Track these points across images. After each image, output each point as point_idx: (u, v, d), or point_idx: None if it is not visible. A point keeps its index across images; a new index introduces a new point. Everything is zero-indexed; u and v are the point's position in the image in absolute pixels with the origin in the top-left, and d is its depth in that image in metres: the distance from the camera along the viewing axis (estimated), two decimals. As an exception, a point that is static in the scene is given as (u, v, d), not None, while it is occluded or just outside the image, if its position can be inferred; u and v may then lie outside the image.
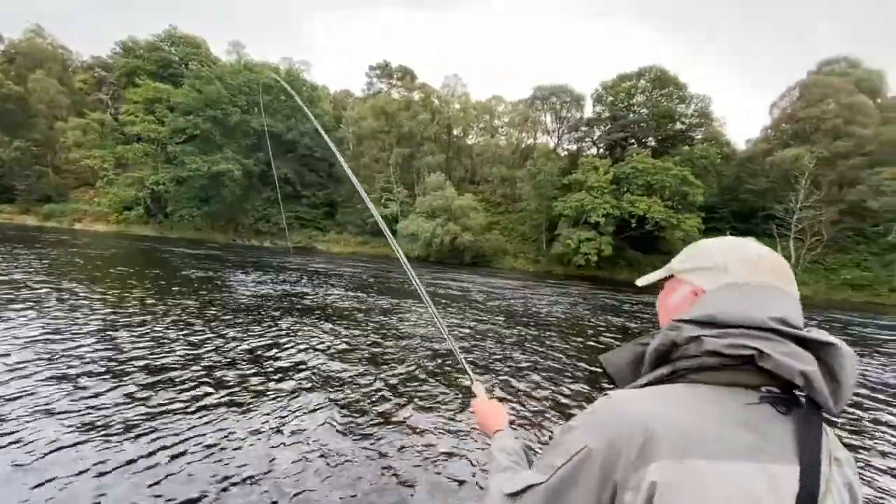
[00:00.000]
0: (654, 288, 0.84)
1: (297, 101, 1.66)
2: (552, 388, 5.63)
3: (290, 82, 45.02)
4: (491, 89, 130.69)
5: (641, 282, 0.89)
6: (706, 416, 0.58)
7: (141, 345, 5.83)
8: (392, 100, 45.90)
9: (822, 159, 32.06)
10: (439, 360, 6.43)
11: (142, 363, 5.14)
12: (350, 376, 5.42)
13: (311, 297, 11.38)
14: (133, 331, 6.45)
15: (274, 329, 7.45)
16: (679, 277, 0.78)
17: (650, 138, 39.81)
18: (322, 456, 3.50)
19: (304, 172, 45.72)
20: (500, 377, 5.93)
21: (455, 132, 49.90)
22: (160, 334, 6.42)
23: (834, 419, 0.60)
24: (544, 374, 6.18)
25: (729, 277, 0.68)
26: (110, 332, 6.26)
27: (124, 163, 41.97)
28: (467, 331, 8.76)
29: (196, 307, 8.61)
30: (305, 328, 7.73)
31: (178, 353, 5.67)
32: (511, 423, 1.12)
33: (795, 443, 0.58)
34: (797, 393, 0.62)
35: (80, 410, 3.84)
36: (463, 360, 1.37)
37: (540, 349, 7.72)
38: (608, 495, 0.58)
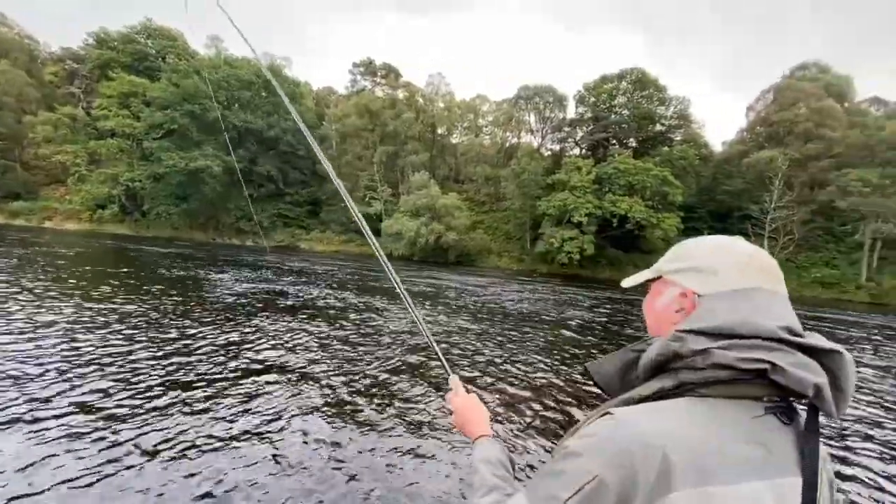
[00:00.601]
0: (637, 288, 0.83)
1: (280, 97, 1.58)
2: (531, 382, 5.71)
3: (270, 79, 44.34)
4: (475, 89, 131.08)
5: (627, 283, 0.85)
6: (719, 435, 0.57)
7: (99, 346, 5.68)
8: (376, 98, 45.63)
9: (795, 161, 33.19)
10: (418, 356, 6.45)
11: (98, 365, 5.01)
12: (325, 373, 5.39)
13: (286, 296, 11.25)
14: (93, 332, 6.28)
15: (244, 329, 7.34)
16: (667, 279, 0.74)
17: (631, 139, 40.57)
18: (290, 457, 3.48)
19: (286, 170, 45.10)
20: (480, 371, 5.98)
21: (439, 131, 49.90)
22: (122, 336, 6.26)
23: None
24: (523, 370, 6.26)
25: (723, 280, 0.66)
26: (68, 333, 6.07)
27: (97, 159, 40.70)
28: (447, 328, 8.80)
29: (161, 307, 8.42)
30: (278, 327, 7.64)
31: (139, 355, 5.53)
32: (491, 418, 1.06)
33: (797, 453, 0.58)
34: (793, 400, 0.62)
35: (31, 418, 3.73)
36: (439, 352, 1.29)
37: (520, 346, 7.81)
38: None
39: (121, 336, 6.16)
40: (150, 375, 4.80)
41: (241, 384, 4.82)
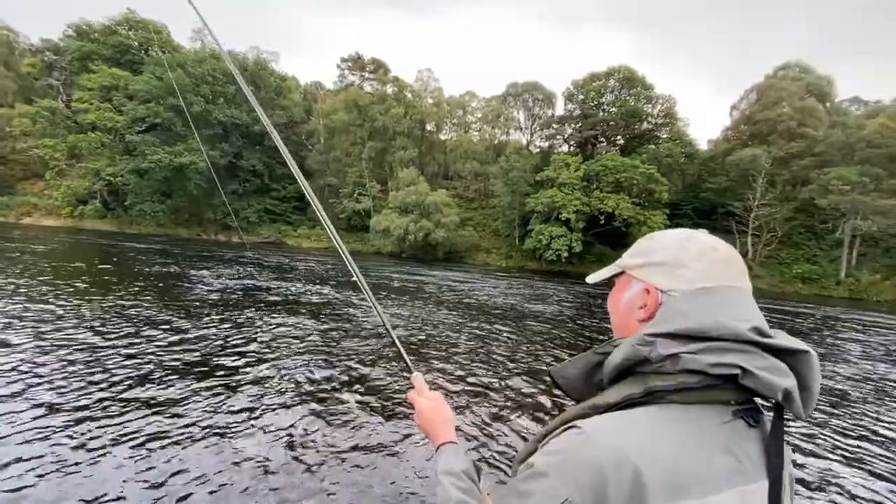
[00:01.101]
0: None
1: (243, 89, 1.49)
2: (505, 375, 5.73)
3: (257, 72, 43.71)
4: (464, 85, 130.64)
5: (592, 279, 0.82)
6: (689, 446, 0.55)
7: (66, 342, 5.56)
8: (365, 93, 45.21)
9: (778, 159, 33.80)
10: (385, 353, 6.43)
11: (65, 361, 4.90)
12: (297, 368, 5.34)
13: (262, 292, 11.13)
14: (61, 329, 6.14)
15: (217, 327, 7.25)
16: (631, 274, 0.72)
17: (619, 137, 40.92)
18: (252, 451, 3.45)
19: (273, 165, 44.53)
20: (451, 370, 5.99)
21: (428, 127, 49.68)
22: (90, 331, 6.13)
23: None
24: (500, 363, 6.28)
25: (688, 275, 0.64)
26: (34, 329, 5.93)
27: (78, 153, 39.63)
28: (427, 322, 8.79)
29: (135, 304, 8.27)
30: (250, 327, 7.56)
31: (106, 352, 5.43)
32: (462, 408, 1.01)
33: (764, 456, 0.58)
34: (759, 401, 0.62)
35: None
36: (401, 348, 1.21)
37: (501, 344, 7.84)
38: None
39: (89, 331, 6.02)
40: (114, 373, 4.71)
41: (212, 380, 4.76)
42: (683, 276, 0.64)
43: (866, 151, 31.15)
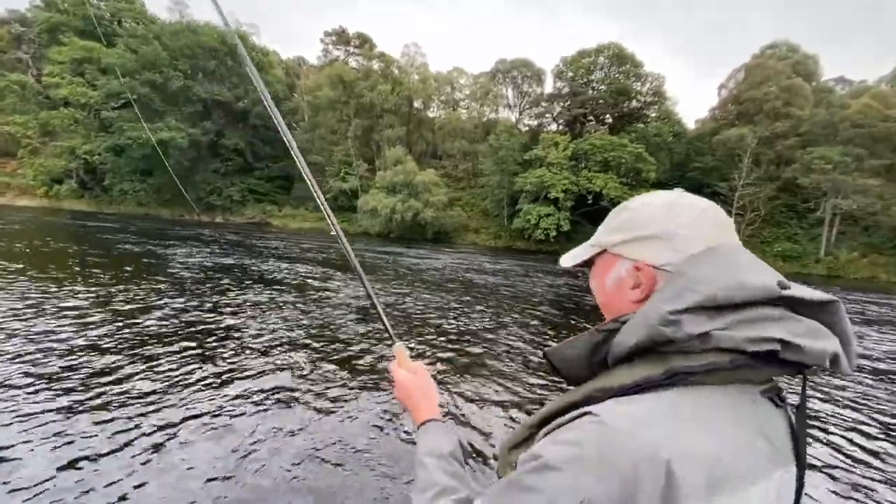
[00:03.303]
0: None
1: (247, 66, 1.39)
2: (492, 353, 5.78)
3: (236, 47, 42.09)
4: (451, 62, 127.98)
5: (566, 262, 0.73)
6: (726, 434, 0.49)
7: (29, 325, 5.43)
8: (350, 69, 44.02)
9: (763, 139, 34.04)
10: (370, 327, 6.42)
11: (28, 341, 4.80)
12: (274, 344, 5.31)
13: (232, 270, 11.00)
14: (24, 311, 5.99)
15: (194, 306, 7.15)
16: (614, 252, 0.64)
17: (608, 115, 40.71)
18: (233, 439, 3.43)
19: (256, 144, 43.51)
20: (436, 343, 6.01)
21: (416, 104, 48.77)
22: (57, 314, 6.00)
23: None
24: (487, 341, 6.32)
25: (682, 243, 0.57)
26: None
27: (51, 130, 38.13)
28: (412, 304, 8.78)
29: (103, 285, 8.10)
30: (227, 307, 7.48)
31: (73, 332, 5.33)
32: (441, 386, 0.95)
33: (791, 438, 0.54)
34: (775, 378, 0.57)
35: None
36: (382, 314, 1.11)
37: (486, 319, 7.88)
38: None
39: (56, 314, 5.88)
40: (88, 356, 4.60)
41: (186, 367, 4.69)
42: (677, 248, 0.57)
43: (850, 131, 31.51)
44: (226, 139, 41.57)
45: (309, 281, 10.45)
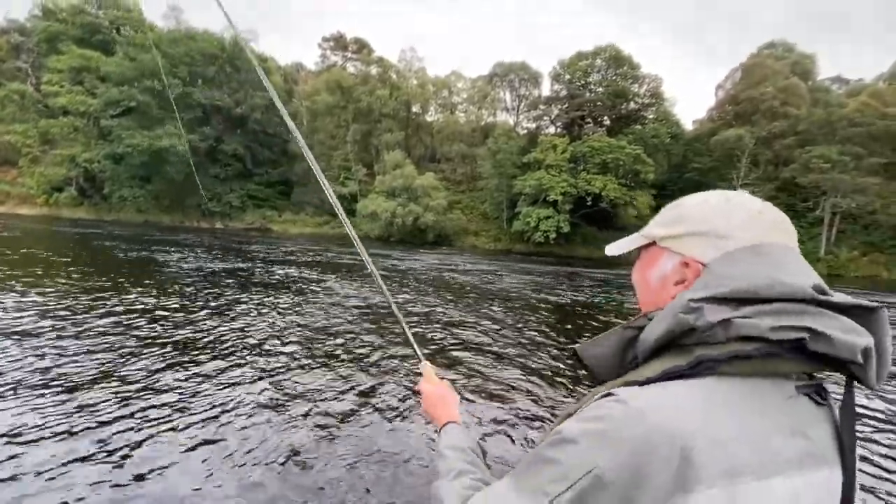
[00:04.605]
0: (611, 262, 0.76)
1: (255, 71, 1.42)
2: (508, 366, 5.76)
3: (236, 53, 42.36)
4: (449, 66, 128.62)
5: (612, 250, 0.74)
6: (749, 422, 0.48)
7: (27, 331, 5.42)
8: (348, 74, 44.18)
9: (761, 139, 34.13)
10: (389, 338, 6.42)
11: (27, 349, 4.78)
12: (297, 359, 5.29)
13: (243, 279, 10.99)
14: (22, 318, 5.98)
15: (201, 314, 7.14)
16: (662, 245, 0.63)
17: (605, 117, 40.80)
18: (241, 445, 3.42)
19: (255, 149, 43.61)
20: (451, 355, 5.99)
21: (414, 109, 48.93)
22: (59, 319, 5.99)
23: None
24: (500, 353, 6.31)
25: (733, 243, 0.56)
26: None
27: (51, 139, 38.23)
28: (420, 309, 8.77)
29: (104, 294, 8.09)
30: (237, 317, 7.47)
31: (75, 338, 5.32)
32: (461, 400, 1.07)
33: (835, 438, 0.52)
34: (818, 377, 0.55)
35: None
36: (410, 336, 1.23)
37: (496, 326, 7.86)
38: None
39: (58, 319, 5.87)
40: (101, 361, 4.59)
41: (203, 365, 4.68)
42: (724, 247, 0.56)
43: (847, 130, 31.57)
44: (225, 145, 41.67)
45: (319, 284, 10.44)
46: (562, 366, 5.79)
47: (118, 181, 38.10)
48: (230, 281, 10.40)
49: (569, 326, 8.49)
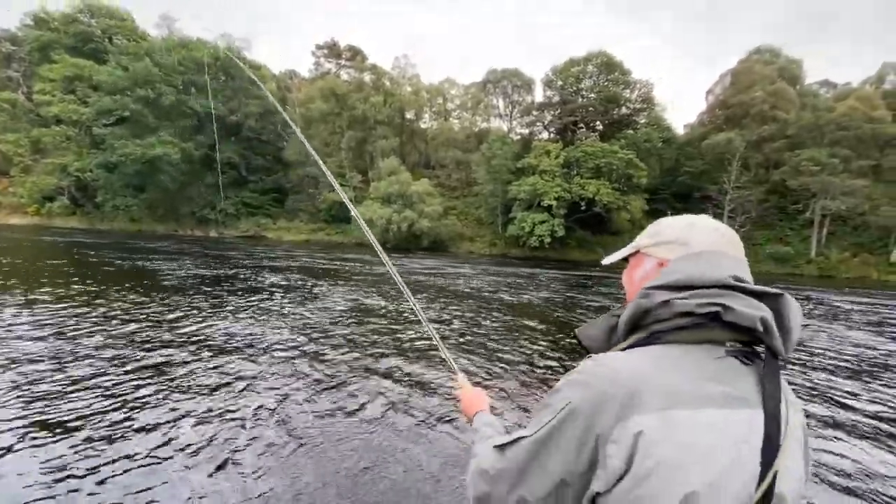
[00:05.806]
0: (610, 267, 0.90)
1: (249, 79, 1.45)
2: (524, 366, 5.79)
3: (229, 61, 42.39)
4: (443, 73, 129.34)
5: (608, 260, 0.95)
6: (683, 371, 0.64)
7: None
8: (342, 81, 44.33)
9: (751, 143, 34.58)
10: (415, 353, 6.43)
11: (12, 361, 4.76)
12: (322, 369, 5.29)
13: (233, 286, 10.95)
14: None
15: (170, 318, 7.12)
16: (644, 252, 0.85)
17: (598, 122, 41.16)
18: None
19: (249, 156, 43.57)
20: (468, 358, 6.02)
21: (408, 115, 49.13)
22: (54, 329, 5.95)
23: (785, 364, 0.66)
24: (509, 351, 6.34)
25: (691, 248, 0.76)
26: None
27: (42, 148, 37.97)
28: (432, 316, 8.77)
29: (96, 306, 8.05)
30: (244, 330, 7.45)
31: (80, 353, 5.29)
32: (492, 408, 1.18)
33: (759, 390, 0.65)
34: (755, 348, 0.70)
35: None
36: (446, 353, 1.43)
37: (504, 328, 7.90)
38: (590, 447, 0.63)
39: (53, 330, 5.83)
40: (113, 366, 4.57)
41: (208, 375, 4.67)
42: (687, 249, 0.76)
43: (836, 133, 32.07)
44: (219, 153, 41.58)
45: (324, 289, 10.43)
46: (562, 367, 5.83)
47: (111, 190, 37.85)
48: (227, 287, 10.37)
49: (566, 324, 8.54)
